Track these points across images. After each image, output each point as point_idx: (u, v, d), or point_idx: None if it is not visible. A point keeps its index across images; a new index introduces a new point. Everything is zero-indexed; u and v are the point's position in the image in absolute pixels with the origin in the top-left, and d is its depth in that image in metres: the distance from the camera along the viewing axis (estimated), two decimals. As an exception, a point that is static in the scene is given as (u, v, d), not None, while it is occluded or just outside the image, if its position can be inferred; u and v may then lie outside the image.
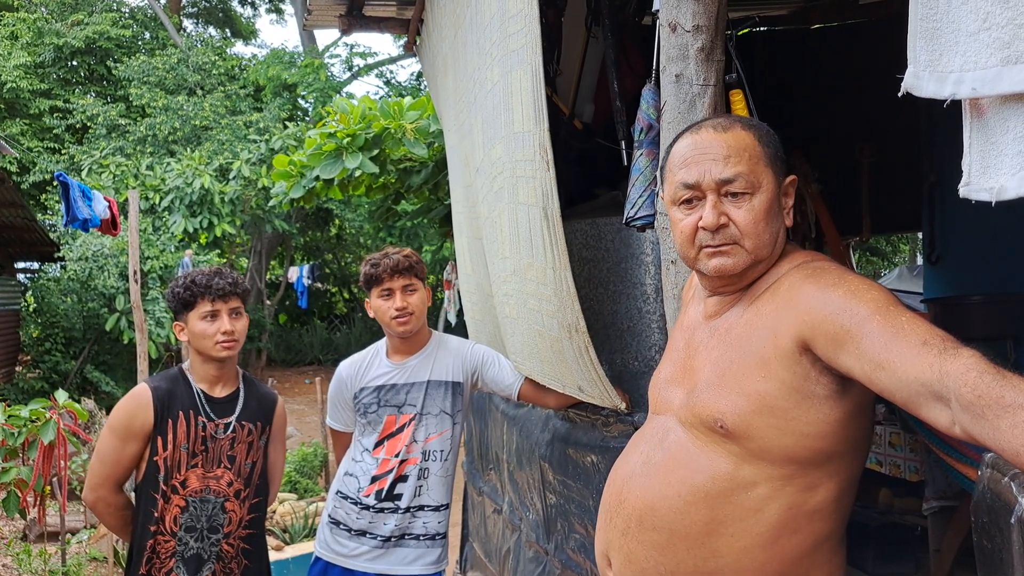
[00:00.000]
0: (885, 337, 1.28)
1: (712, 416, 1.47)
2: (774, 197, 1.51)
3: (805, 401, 1.41)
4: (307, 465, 8.18)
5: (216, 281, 2.55)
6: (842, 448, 1.45)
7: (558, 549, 2.87)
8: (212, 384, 2.61)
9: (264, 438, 2.67)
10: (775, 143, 1.54)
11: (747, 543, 1.46)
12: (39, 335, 12.57)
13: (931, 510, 2.85)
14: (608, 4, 3.20)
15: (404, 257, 2.73)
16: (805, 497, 1.45)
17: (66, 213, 6.84)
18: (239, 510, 2.59)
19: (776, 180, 1.52)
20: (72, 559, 5.70)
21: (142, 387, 2.59)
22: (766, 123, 1.61)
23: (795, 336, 1.40)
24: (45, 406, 4.02)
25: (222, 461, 2.57)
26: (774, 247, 1.52)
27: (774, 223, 1.51)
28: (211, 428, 2.56)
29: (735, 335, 1.51)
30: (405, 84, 18.89)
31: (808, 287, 1.43)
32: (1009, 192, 1.10)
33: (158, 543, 2.51)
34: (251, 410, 2.65)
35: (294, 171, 7.57)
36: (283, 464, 2.85)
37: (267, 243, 16.32)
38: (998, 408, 1.11)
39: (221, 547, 2.56)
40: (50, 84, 17.03)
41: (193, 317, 2.55)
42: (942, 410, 1.21)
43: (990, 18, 1.10)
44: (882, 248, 16.51)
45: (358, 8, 4.46)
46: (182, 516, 2.52)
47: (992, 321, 3.53)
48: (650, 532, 1.53)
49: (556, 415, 2.99)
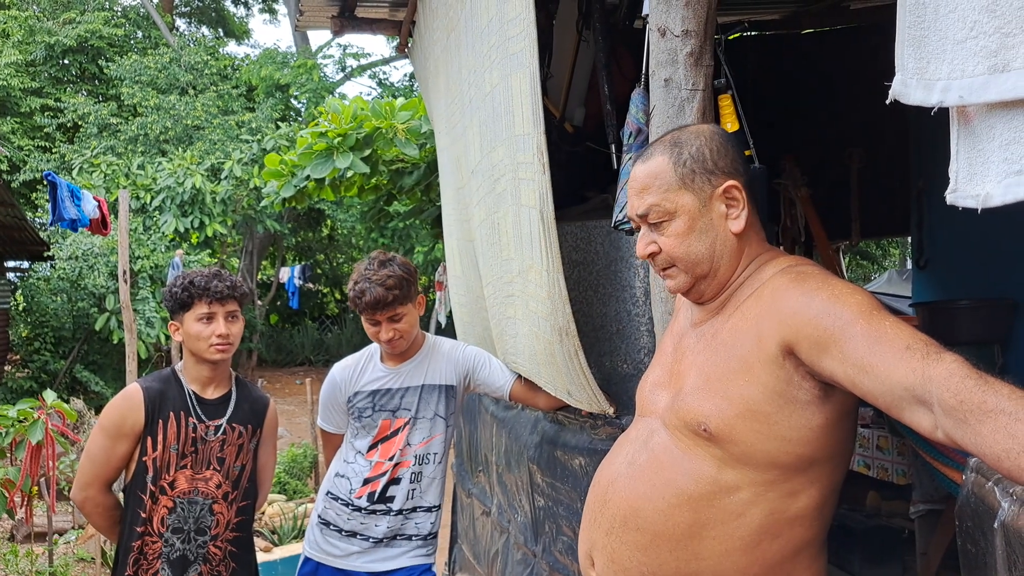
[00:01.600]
0: (868, 341, 1.29)
1: (696, 419, 1.48)
2: (696, 214, 1.54)
3: (788, 406, 1.42)
4: (296, 466, 8.16)
5: (215, 284, 2.54)
6: (824, 454, 1.45)
7: (546, 551, 2.87)
8: (204, 385, 2.60)
9: (255, 441, 2.66)
10: (701, 156, 1.55)
11: (728, 546, 1.47)
12: (28, 334, 12.51)
13: (918, 513, 2.87)
14: (599, 8, 3.21)
15: (387, 290, 2.57)
16: (787, 503, 1.46)
17: (53, 212, 6.82)
18: (227, 512, 2.58)
19: (697, 196, 1.54)
20: (59, 560, 5.67)
21: (134, 387, 2.57)
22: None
23: (779, 340, 1.41)
24: (33, 406, 3.99)
25: (211, 463, 2.56)
26: (716, 259, 1.55)
27: (703, 238, 1.55)
28: (201, 430, 2.55)
29: (720, 340, 1.52)
30: (398, 85, 18.88)
31: (792, 291, 1.44)
32: (995, 199, 1.11)
33: (145, 544, 2.50)
34: (243, 413, 2.64)
35: (285, 170, 7.56)
36: (273, 467, 2.84)
37: (258, 243, 16.28)
38: (979, 413, 1.12)
39: (208, 549, 2.55)
40: (41, 82, 16.97)
41: (189, 318, 2.53)
42: (925, 414, 1.21)
43: (977, 26, 1.11)
44: (872, 252, 16.58)
45: (350, 9, 4.46)
46: (169, 517, 2.51)
47: (979, 326, 3.55)
48: (633, 533, 1.54)
49: (545, 417, 2.99)
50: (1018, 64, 1.06)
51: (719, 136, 1.60)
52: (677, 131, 1.64)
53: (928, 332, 1.30)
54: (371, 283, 2.60)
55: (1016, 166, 1.08)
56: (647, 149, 1.64)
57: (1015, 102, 1.08)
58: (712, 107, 2.06)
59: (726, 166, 1.56)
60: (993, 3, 1.08)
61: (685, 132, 1.62)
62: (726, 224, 1.55)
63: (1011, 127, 1.09)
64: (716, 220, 1.55)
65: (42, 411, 3.96)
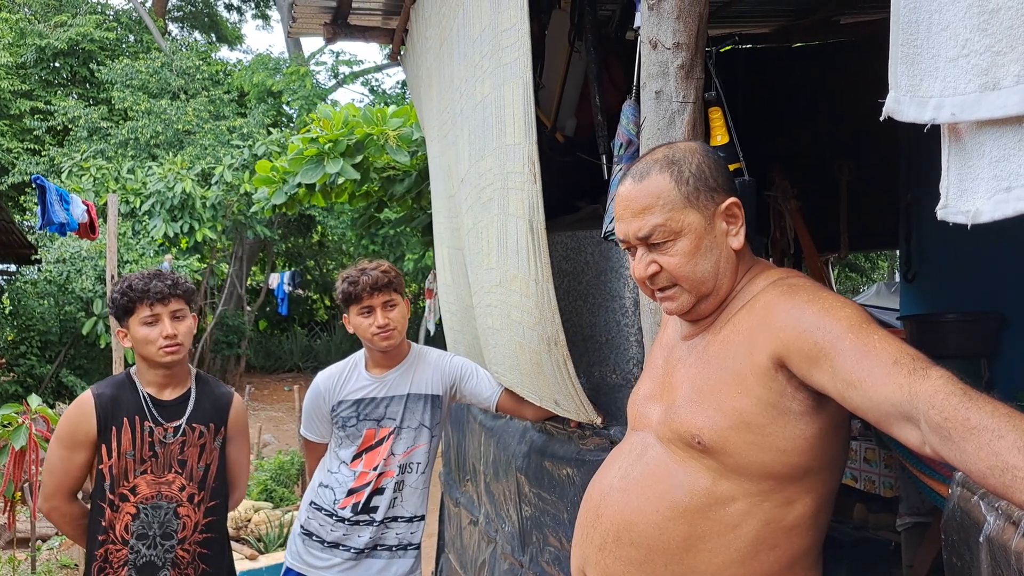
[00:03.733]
0: (857, 356, 1.28)
1: (690, 432, 1.48)
2: (702, 232, 1.52)
3: (782, 417, 1.42)
4: (283, 473, 8.10)
5: (154, 284, 2.48)
6: (819, 463, 1.46)
7: (533, 561, 2.86)
8: (160, 388, 2.54)
9: (219, 439, 2.59)
10: (702, 173, 1.54)
11: (725, 559, 1.46)
12: (14, 338, 12.42)
13: (904, 526, 2.87)
14: (591, 19, 3.22)
15: (383, 273, 2.67)
16: (783, 512, 1.46)
17: (41, 216, 6.78)
18: (194, 515, 2.53)
19: (702, 214, 1.52)
20: (42, 566, 5.62)
21: (86, 395, 2.51)
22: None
23: (770, 353, 1.41)
24: (18, 411, 3.97)
25: (173, 466, 2.50)
26: (719, 276, 1.54)
27: (708, 256, 1.53)
28: (159, 433, 2.49)
29: (712, 352, 1.52)
30: (390, 92, 18.88)
31: (783, 304, 1.44)
32: (984, 215, 1.11)
33: (109, 552, 2.46)
34: (203, 411, 2.57)
35: (276, 176, 7.54)
36: (247, 464, 2.74)
37: (248, 249, 16.22)
38: (964, 430, 1.12)
39: (176, 553, 2.50)
40: (31, 85, 16.88)
41: (134, 323, 2.48)
42: (912, 430, 1.22)
43: (968, 45, 1.11)
44: (861, 264, 16.67)
45: (343, 17, 4.46)
46: (133, 524, 2.46)
47: (967, 339, 3.57)
48: (628, 548, 1.53)
49: (533, 427, 2.99)
50: (1008, 82, 1.07)
51: (711, 153, 1.60)
52: (667, 148, 1.61)
53: (916, 345, 1.30)
54: (365, 271, 2.67)
55: (1005, 183, 1.09)
56: (636, 168, 1.60)
57: (1005, 120, 1.08)
58: (703, 119, 2.07)
59: (724, 183, 1.55)
60: (984, 22, 1.09)
61: (677, 149, 1.59)
62: (727, 241, 1.55)
63: (1000, 144, 1.10)
64: (719, 238, 1.54)
65: (26, 416, 3.94)
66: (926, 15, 1.18)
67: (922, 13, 1.19)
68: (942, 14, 1.15)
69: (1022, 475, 1.04)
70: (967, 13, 1.11)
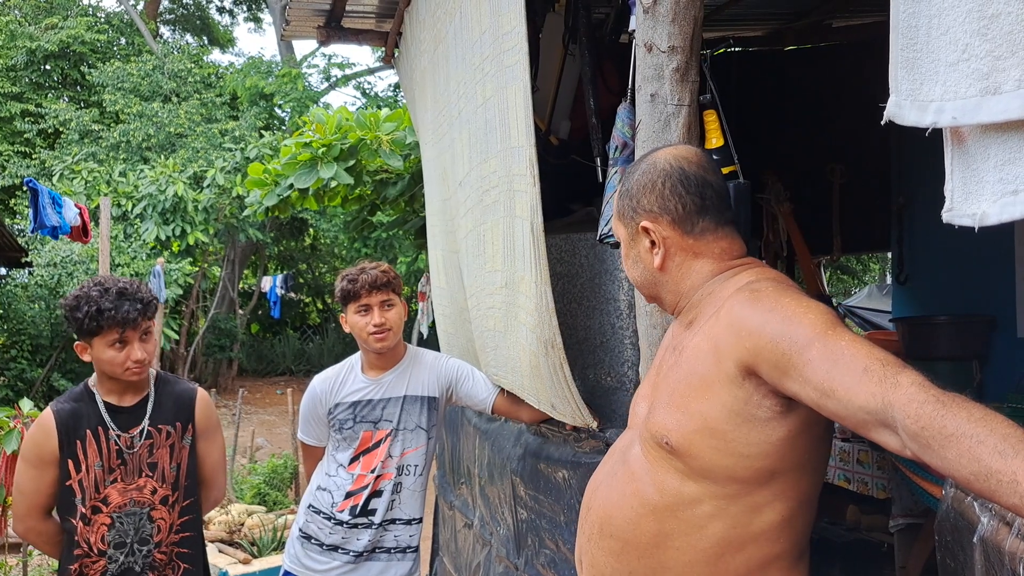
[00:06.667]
0: (826, 365, 1.27)
1: (660, 433, 1.51)
2: (628, 244, 1.66)
3: (745, 424, 1.42)
4: (277, 477, 8.08)
5: (125, 308, 2.33)
6: (786, 465, 1.45)
7: (528, 565, 2.86)
8: (120, 395, 2.48)
9: (188, 437, 2.54)
10: (631, 190, 1.63)
11: (692, 558, 1.49)
12: (5, 342, 12.34)
13: (897, 527, 2.89)
14: (585, 22, 3.23)
15: (382, 272, 2.70)
16: (750, 517, 1.46)
17: (34, 219, 6.74)
18: (168, 516, 2.50)
19: (627, 229, 1.65)
20: (33, 572, 5.59)
21: (46, 412, 2.45)
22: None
23: (737, 361, 1.41)
24: (9, 415, 3.94)
25: (143, 470, 2.46)
26: (656, 287, 1.64)
27: (635, 268, 1.65)
28: (124, 440, 2.44)
29: (685, 356, 1.54)
30: (383, 95, 18.87)
31: (746, 312, 1.42)
32: (991, 218, 1.11)
33: (84, 566, 2.43)
34: (166, 411, 2.51)
35: (268, 179, 7.52)
36: (222, 458, 2.67)
37: (241, 252, 16.18)
38: (942, 439, 1.11)
39: (153, 557, 2.48)
40: (22, 88, 16.81)
41: (99, 343, 2.36)
42: (891, 435, 1.21)
43: (969, 49, 1.12)
44: (853, 267, 16.72)
45: (336, 20, 4.46)
46: (109, 533, 2.43)
47: (958, 341, 3.59)
48: (608, 539, 1.59)
49: (528, 430, 2.99)
50: (1009, 87, 1.07)
51: (678, 169, 1.59)
52: (651, 154, 1.67)
53: (908, 347, 1.31)
54: (365, 270, 2.71)
55: (1011, 186, 1.09)
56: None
57: (1009, 124, 1.09)
58: (697, 122, 2.08)
59: (656, 203, 1.58)
60: (984, 27, 1.10)
61: (649, 159, 1.65)
62: (652, 258, 1.60)
63: (1006, 148, 1.10)
64: (643, 254, 1.62)
65: (18, 420, 3.91)
66: (925, 20, 1.19)
67: (921, 18, 1.19)
68: (941, 19, 1.16)
69: (1006, 479, 1.04)
70: (967, 18, 1.12)
